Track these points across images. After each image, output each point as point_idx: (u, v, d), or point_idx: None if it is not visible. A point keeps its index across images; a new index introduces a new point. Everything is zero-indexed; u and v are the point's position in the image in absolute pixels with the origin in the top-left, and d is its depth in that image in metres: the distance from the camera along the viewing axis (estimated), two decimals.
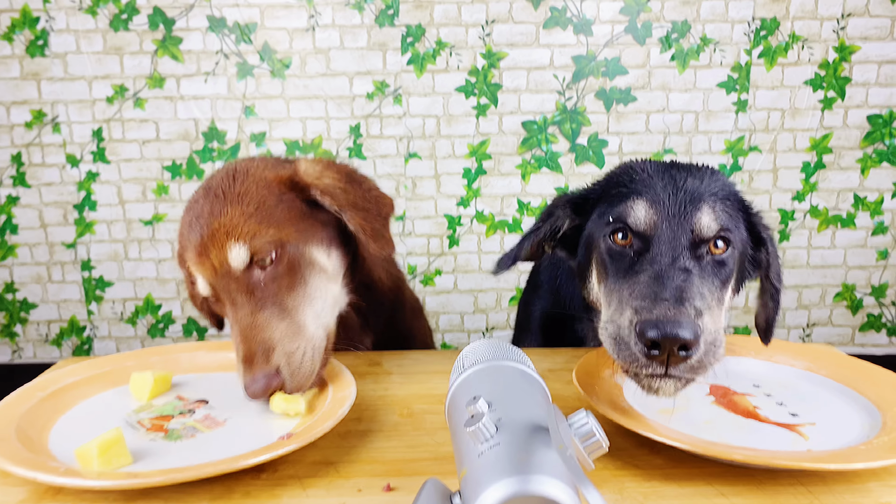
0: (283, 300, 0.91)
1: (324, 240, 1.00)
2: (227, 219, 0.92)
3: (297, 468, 0.75)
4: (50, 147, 2.40)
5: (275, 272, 0.92)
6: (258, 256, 0.91)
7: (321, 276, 0.97)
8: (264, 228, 0.92)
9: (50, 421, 0.83)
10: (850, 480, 0.71)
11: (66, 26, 2.29)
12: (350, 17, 2.31)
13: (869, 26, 2.32)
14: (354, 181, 1.06)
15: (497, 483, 0.48)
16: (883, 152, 2.42)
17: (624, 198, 0.91)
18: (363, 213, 1.01)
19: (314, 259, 0.97)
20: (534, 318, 1.31)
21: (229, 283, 0.91)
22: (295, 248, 0.94)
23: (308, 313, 0.93)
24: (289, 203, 0.97)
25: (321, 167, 1.04)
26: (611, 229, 0.90)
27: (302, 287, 0.94)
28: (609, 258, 0.90)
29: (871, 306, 2.57)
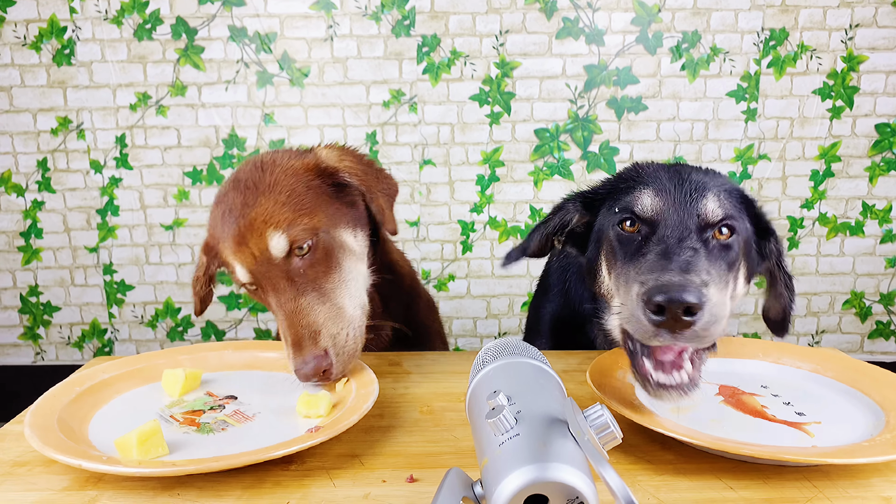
0: (322, 285, 0.96)
1: (350, 222, 1.04)
2: (262, 209, 0.96)
3: (324, 460, 0.78)
4: (75, 153, 2.45)
5: (312, 258, 0.96)
6: (296, 244, 0.95)
7: (352, 257, 1.02)
8: (299, 217, 0.96)
9: (88, 414, 0.87)
10: (854, 475, 0.74)
11: (92, 36, 2.35)
12: (367, 28, 2.36)
13: (877, 37, 2.34)
14: (366, 164, 1.11)
15: (517, 471, 0.52)
16: (891, 161, 2.43)
17: (631, 189, 0.95)
18: (380, 195, 1.06)
19: (344, 242, 1.01)
20: (544, 321, 1.33)
21: (270, 270, 0.95)
22: (327, 234, 0.98)
23: (345, 295, 0.98)
24: (317, 189, 1.01)
25: (338, 152, 1.08)
26: (619, 218, 0.93)
27: (337, 271, 0.98)
28: (618, 244, 0.93)
29: (880, 314, 2.58)
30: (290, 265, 0.95)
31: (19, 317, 2.61)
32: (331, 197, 1.03)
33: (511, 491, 0.51)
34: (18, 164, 2.47)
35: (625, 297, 0.84)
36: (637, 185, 0.95)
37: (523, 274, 2.55)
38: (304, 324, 0.93)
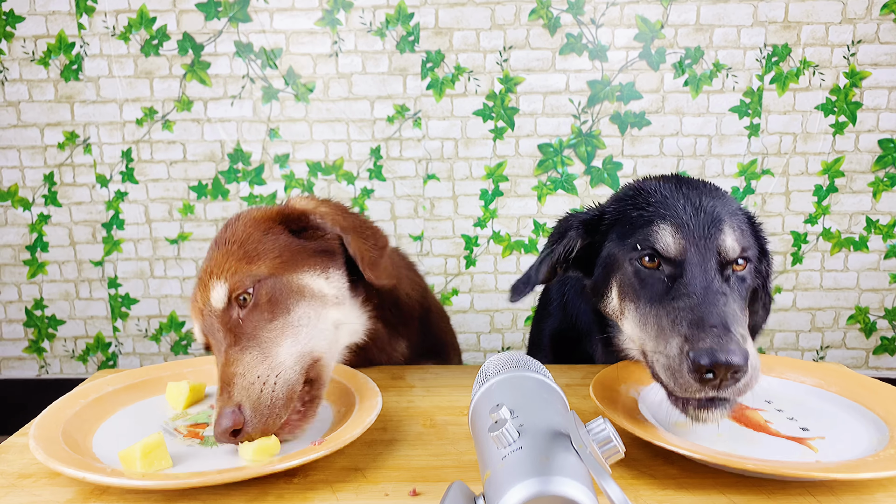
0: (260, 333, 0.89)
1: (318, 265, 1.00)
2: (212, 263, 0.95)
3: (327, 473, 0.78)
4: (81, 167, 2.47)
5: (255, 306, 0.91)
6: (235, 293, 0.91)
7: (312, 302, 0.96)
8: (243, 265, 0.93)
9: (93, 426, 0.88)
10: (858, 491, 0.74)
11: (100, 51, 2.37)
12: (372, 44, 2.38)
13: (879, 53, 2.35)
14: (350, 213, 1.09)
15: (519, 484, 0.52)
16: (894, 176, 2.43)
17: (647, 222, 0.94)
18: (361, 240, 1.03)
19: (303, 286, 0.96)
20: (545, 336, 1.34)
21: (213, 322, 0.92)
22: (276, 280, 0.93)
23: (284, 344, 0.90)
24: (274, 236, 0.99)
25: (316, 201, 1.07)
26: (638, 255, 0.92)
27: (283, 317, 0.92)
28: (638, 281, 0.93)
29: (885, 329, 2.57)
30: (231, 316, 0.91)
31: (24, 330, 2.62)
32: (291, 243, 0.99)
33: None
34: (25, 178, 2.48)
35: (659, 344, 0.85)
36: (653, 217, 0.94)
37: None
38: (224, 376, 0.86)
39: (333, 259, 1.02)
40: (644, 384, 0.99)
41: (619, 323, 0.99)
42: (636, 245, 0.93)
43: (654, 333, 0.87)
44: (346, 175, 2.47)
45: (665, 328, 0.85)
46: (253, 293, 0.91)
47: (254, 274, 0.92)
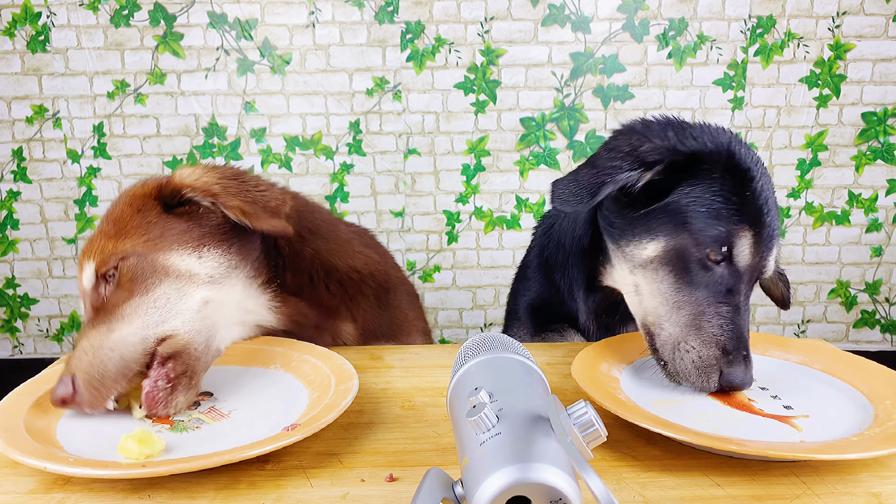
0: (116, 310, 0.89)
1: (189, 243, 0.97)
2: (88, 243, 0.97)
3: (301, 459, 0.76)
4: (51, 142, 2.41)
5: (117, 285, 0.91)
6: (100, 272, 0.92)
7: (177, 282, 0.95)
8: (110, 244, 0.93)
9: (57, 413, 0.85)
10: (843, 471, 0.73)
11: (67, 22, 2.30)
12: (350, 14, 2.33)
13: (864, 24, 2.34)
14: (238, 178, 1.04)
15: (498, 471, 0.50)
16: (877, 150, 2.43)
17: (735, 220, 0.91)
18: (241, 199, 0.99)
19: (168, 266, 0.94)
20: (521, 307, 1.33)
21: (85, 300, 0.94)
22: (140, 259, 0.93)
23: (135, 322, 0.89)
24: (144, 213, 0.97)
25: (202, 170, 1.03)
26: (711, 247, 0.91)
27: (140, 296, 0.91)
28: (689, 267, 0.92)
29: (865, 303, 2.59)
30: (98, 293, 0.92)
31: None
32: (160, 221, 0.97)
33: (492, 493, 0.50)
34: None
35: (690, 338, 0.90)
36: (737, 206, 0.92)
37: (509, 264, 2.54)
38: (75, 351, 0.87)
39: (210, 235, 1.00)
40: (626, 363, 0.98)
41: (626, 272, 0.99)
42: (717, 236, 0.91)
43: (686, 323, 0.91)
44: (324, 150, 2.43)
45: (704, 327, 0.90)
46: (117, 271, 0.92)
47: (119, 252, 0.93)
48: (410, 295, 1.40)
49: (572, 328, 1.23)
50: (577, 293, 1.16)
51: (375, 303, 1.24)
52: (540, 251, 1.28)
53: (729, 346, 0.88)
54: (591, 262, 1.11)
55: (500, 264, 2.55)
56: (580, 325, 1.21)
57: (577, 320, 1.21)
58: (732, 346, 0.88)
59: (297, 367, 0.97)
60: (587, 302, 1.15)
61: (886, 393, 0.86)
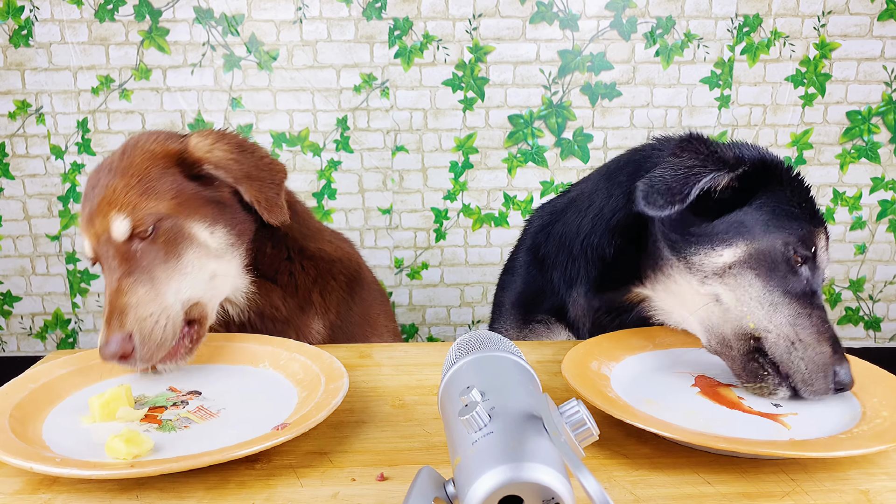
0: (153, 271, 0.95)
1: (208, 216, 1.02)
2: (111, 190, 0.97)
3: (291, 458, 0.76)
4: (34, 138, 2.38)
5: (151, 244, 0.95)
6: (138, 228, 0.95)
7: (199, 251, 1.00)
8: (145, 201, 0.96)
9: (43, 412, 0.84)
10: (831, 468, 0.73)
11: (51, 16, 2.27)
12: (337, 10, 2.31)
13: (849, 24, 2.35)
14: (246, 150, 1.09)
15: (491, 470, 0.50)
16: (861, 148, 2.45)
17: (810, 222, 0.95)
18: (258, 184, 1.04)
19: (194, 235, 1.00)
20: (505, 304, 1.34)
21: (109, 249, 0.96)
22: (174, 223, 0.97)
23: (172, 286, 0.96)
24: (172, 177, 1.00)
25: (212, 139, 1.06)
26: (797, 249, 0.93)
27: (175, 260, 0.97)
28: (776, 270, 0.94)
29: (850, 300, 2.61)
30: (129, 247, 0.95)
31: None
32: (187, 188, 1.02)
33: (485, 492, 0.49)
34: None
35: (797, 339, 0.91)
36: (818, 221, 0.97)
37: (497, 262, 2.54)
38: (119, 304, 0.92)
39: (223, 212, 1.05)
40: (617, 361, 0.98)
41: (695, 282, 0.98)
42: (801, 238, 0.94)
43: (790, 321, 0.91)
44: (311, 146, 2.42)
45: (809, 326, 0.91)
46: (152, 232, 0.95)
47: (155, 212, 0.96)
48: (381, 295, 1.41)
49: (559, 321, 1.23)
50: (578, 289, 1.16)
51: (346, 293, 1.25)
52: (534, 248, 1.28)
53: (834, 347, 0.89)
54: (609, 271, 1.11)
55: (487, 262, 2.55)
56: (568, 319, 1.21)
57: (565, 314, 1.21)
58: (836, 347, 0.89)
59: (287, 365, 0.96)
60: (590, 302, 1.15)
61: (874, 391, 0.86)
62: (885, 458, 0.75)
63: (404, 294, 2.57)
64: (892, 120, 2.42)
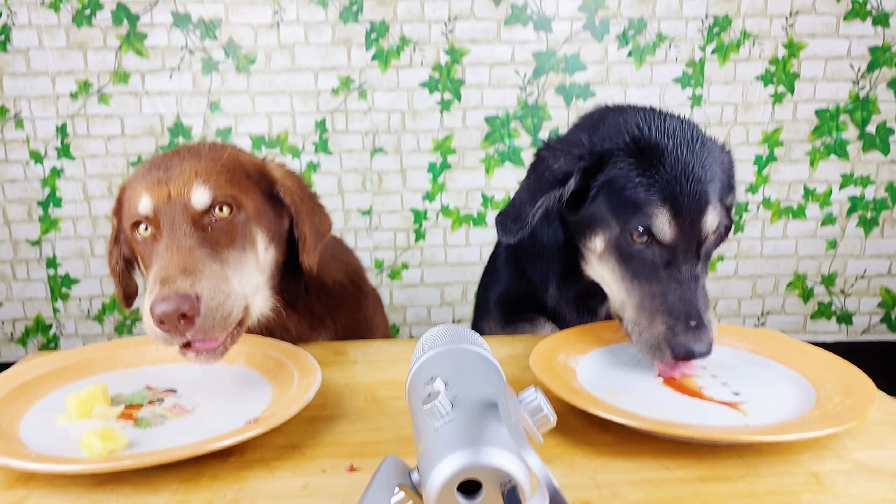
0: (221, 251, 0.93)
1: (269, 232, 1.04)
2: (199, 166, 0.97)
3: (263, 452, 0.77)
4: (13, 143, 2.38)
5: (223, 225, 0.95)
6: (217, 204, 0.95)
7: (252, 256, 1.00)
8: (230, 186, 0.97)
9: (20, 411, 0.85)
10: (785, 452, 0.76)
11: (29, 21, 2.27)
12: (314, 14, 2.33)
13: (816, 24, 2.40)
14: (309, 194, 1.13)
15: (450, 455, 0.51)
16: (830, 145, 2.50)
17: (646, 198, 0.96)
18: (309, 225, 1.07)
19: (256, 241, 1.00)
20: (491, 300, 1.36)
21: (178, 213, 0.93)
22: (246, 219, 0.98)
23: (236, 274, 0.93)
24: (253, 184, 1.03)
25: (285, 169, 1.11)
26: (633, 230, 0.96)
27: (239, 251, 0.96)
28: (627, 251, 0.98)
29: (822, 295, 2.65)
30: (202, 219, 0.94)
31: None
32: (264, 199, 1.04)
33: (444, 476, 0.51)
34: None
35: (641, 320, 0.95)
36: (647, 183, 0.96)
37: (476, 261, 2.56)
38: (187, 265, 0.87)
39: (278, 235, 1.06)
40: (583, 353, 1.00)
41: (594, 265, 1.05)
42: (632, 221, 0.96)
43: (636, 305, 0.97)
44: (291, 149, 2.43)
45: (647, 308, 0.95)
46: (230, 214, 0.96)
47: (236, 199, 0.97)
48: (378, 301, 1.45)
49: (543, 317, 1.26)
50: (551, 284, 1.20)
51: (353, 309, 1.28)
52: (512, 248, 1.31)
53: (671, 319, 0.92)
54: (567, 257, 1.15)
55: (467, 261, 2.57)
56: (550, 314, 1.24)
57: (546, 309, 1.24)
58: (675, 318, 0.92)
59: (262, 363, 0.98)
60: (563, 292, 1.20)
61: (828, 377, 0.89)
62: (835, 442, 0.78)
63: (385, 295, 2.59)
64: (860, 117, 2.47)
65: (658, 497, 0.68)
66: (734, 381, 0.94)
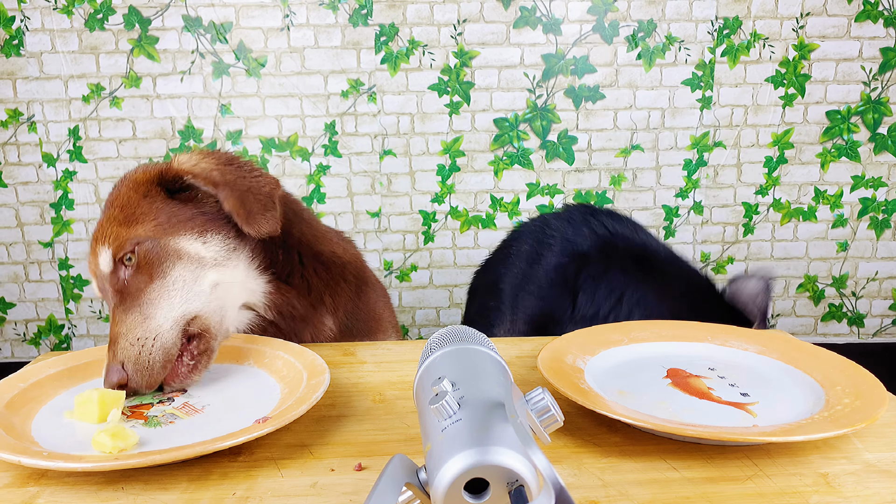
0: (141, 295, 0.95)
1: (195, 228, 1.02)
2: (98, 226, 1.00)
3: (272, 451, 0.78)
4: (26, 146, 2.40)
5: (137, 269, 0.96)
6: (118, 257, 0.96)
7: (189, 265, 0.99)
8: (124, 229, 0.97)
9: (32, 410, 0.86)
10: (793, 453, 0.75)
11: (42, 26, 2.30)
12: (324, 17, 2.34)
13: (827, 25, 2.39)
14: (232, 164, 1.09)
15: (457, 455, 0.52)
16: (841, 147, 2.49)
17: None
18: (238, 192, 1.03)
19: (180, 250, 0.99)
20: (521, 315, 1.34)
21: (105, 284, 0.98)
22: (154, 244, 0.97)
23: (162, 306, 0.95)
24: (151, 201, 1.01)
25: (198, 155, 1.08)
26: None
27: (160, 280, 0.96)
28: None
29: (833, 297, 2.64)
30: (118, 277, 0.97)
31: None
32: (167, 206, 1.02)
33: (452, 475, 0.51)
34: None
35: None
36: None
37: None
38: (112, 334, 0.94)
39: (212, 221, 1.04)
40: (591, 354, 1.00)
41: None
42: None
43: None
44: (300, 151, 2.44)
45: None
46: (134, 256, 0.96)
47: (133, 238, 0.97)
48: (383, 293, 1.43)
49: None
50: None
51: (354, 293, 1.27)
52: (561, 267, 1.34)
53: None
54: None
55: (476, 263, 2.55)
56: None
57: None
58: None
59: (270, 363, 0.99)
60: None
61: (838, 379, 0.89)
62: (844, 443, 0.77)
63: (394, 296, 2.60)
64: (871, 119, 2.46)
65: (666, 497, 0.68)
66: (743, 382, 0.93)
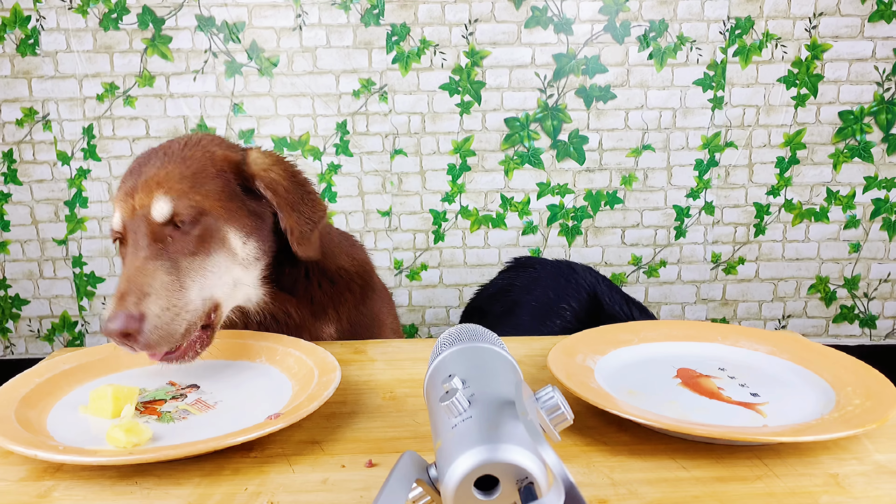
0: (180, 260, 0.95)
1: (245, 227, 1.03)
2: (163, 173, 0.98)
3: (284, 447, 0.79)
4: (41, 144, 2.42)
5: (185, 234, 0.96)
6: (178, 216, 0.95)
7: (227, 257, 1.01)
8: (193, 193, 0.97)
9: (48, 405, 0.87)
10: (803, 454, 0.75)
11: (57, 25, 2.32)
12: (336, 17, 2.35)
13: (840, 25, 2.38)
14: (297, 182, 1.11)
15: (468, 452, 0.52)
16: (854, 148, 2.47)
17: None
18: (296, 216, 1.06)
19: (227, 239, 1.01)
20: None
21: (141, 227, 0.96)
22: (213, 222, 0.98)
23: (196, 282, 0.95)
24: (225, 182, 1.02)
25: (271, 160, 1.09)
26: None
27: (202, 257, 0.97)
28: None
29: (844, 298, 2.63)
30: (163, 231, 0.96)
31: None
32: (236, 195, 1.03)
33: (462, 472, 0.52)
34: None
35: None
36: None
37: (495, 262, 2.57)
38: (137, 283, 0.90)
39: (259, 227, 1.06)
40: (602, 354, 1.01)
41: None
42: None
43: None
44: (312, 150, 2.45)
45: None
46: (192, 221, 0.96)
47: (199, 206, 0.97)
48: (387, 297, 1.44)
49: None
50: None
51: (359, 300, 1.27)
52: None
53: None
54: None
55: (486, 262, 2.58)
56: None
57: None
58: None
59: (282, 360, 0.99)
60: None
61: (848, 380, 0.89)
62: (855, 444, 0.77)
63: (404, 295, 2.60)
64: (884, 119, 2.44)
65: (675, 496, 0.68)
66: (753, 382, 0.93)
